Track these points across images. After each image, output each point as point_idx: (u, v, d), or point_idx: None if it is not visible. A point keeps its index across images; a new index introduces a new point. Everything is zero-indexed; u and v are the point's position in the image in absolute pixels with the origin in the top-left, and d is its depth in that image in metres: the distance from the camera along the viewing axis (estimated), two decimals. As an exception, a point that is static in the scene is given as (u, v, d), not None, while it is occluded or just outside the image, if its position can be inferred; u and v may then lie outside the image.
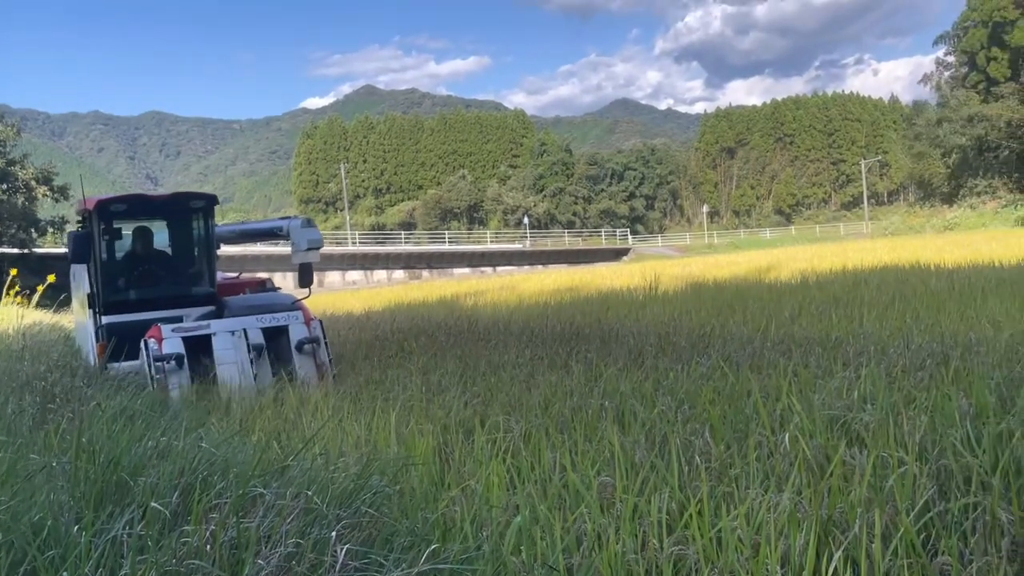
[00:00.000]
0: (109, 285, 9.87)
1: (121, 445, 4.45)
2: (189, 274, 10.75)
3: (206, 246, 10.64)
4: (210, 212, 10.52)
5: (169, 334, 8.79)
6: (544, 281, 29.04)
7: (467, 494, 4.24)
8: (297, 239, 9.80)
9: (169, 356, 8.60)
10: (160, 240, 10.75)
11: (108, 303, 9.73)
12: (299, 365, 9.10)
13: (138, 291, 10.15)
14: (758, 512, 3.48)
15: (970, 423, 4.54)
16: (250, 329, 9.14)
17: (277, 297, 10.43)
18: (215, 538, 3.22)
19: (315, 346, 9.22)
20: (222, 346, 8.91)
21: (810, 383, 6.14)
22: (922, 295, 12.15)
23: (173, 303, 10.00)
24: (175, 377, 8.55)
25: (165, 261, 10.68)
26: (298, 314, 9.46)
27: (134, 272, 10.25)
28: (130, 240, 10.43)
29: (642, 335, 9.88)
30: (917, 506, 3.51)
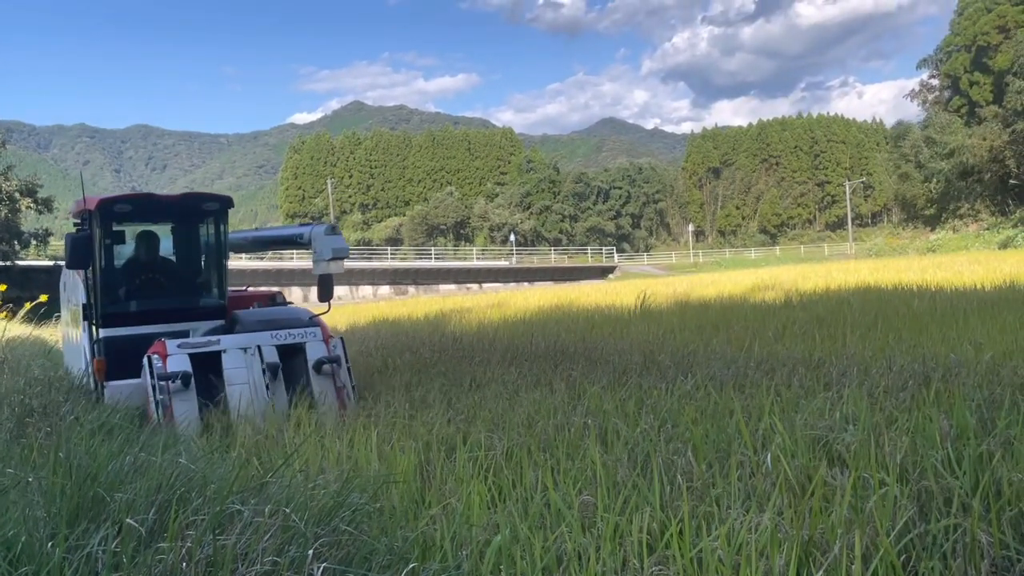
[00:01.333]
0: (108, 294, 8.96)
1: (98, 460, 4.39)
2: (197, 284, 9.86)
3: (217, 253, 9.67)
4: (223, 216, 9.56)
5: (175, 350, 8.00)
6: (530, 298, 29.04)
7: (448, 512, 4.21)
8: (320, 248, 8.88)
9: (174, 374, 7.79)
10: (164, 247, 9.91)
11: (107, 314, 8.84)
12: (317, 387, 8.25)
13: (140, 302, 9.24)
14: (739, 532, 3.47)
15: (951, 444, 4.56)
16: (264, 346, 8.32)
17: (292, 312, 9.64)
18: (191, 555, 3.18)
19: (335, 366, 8.41)
20: (233, 364, 8.12)
21: (793, 403, 6.15)
22: (905, 316, 12.22)
23: (179, 316, 9.16)
24: (181, 398, 7.77)
25: (171, 269, 9.84)
26: (316, 331, 8.66)
27: (136, 280, 9.35)
28: (132, 245, 9.51)
29: (626, 353, 9.88)
30: (897, 527, 3.51)
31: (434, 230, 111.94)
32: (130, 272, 9.35)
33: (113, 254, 9.13)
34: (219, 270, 9.67)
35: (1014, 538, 3.47)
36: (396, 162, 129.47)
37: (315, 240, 8.93)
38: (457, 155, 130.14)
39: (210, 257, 9.76)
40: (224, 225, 9.53)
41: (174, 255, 9.93)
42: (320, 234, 8.91)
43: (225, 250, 9.65)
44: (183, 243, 9.96)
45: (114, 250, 9.14)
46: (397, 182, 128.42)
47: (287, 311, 9.68)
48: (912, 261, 36.60)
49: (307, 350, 8.46)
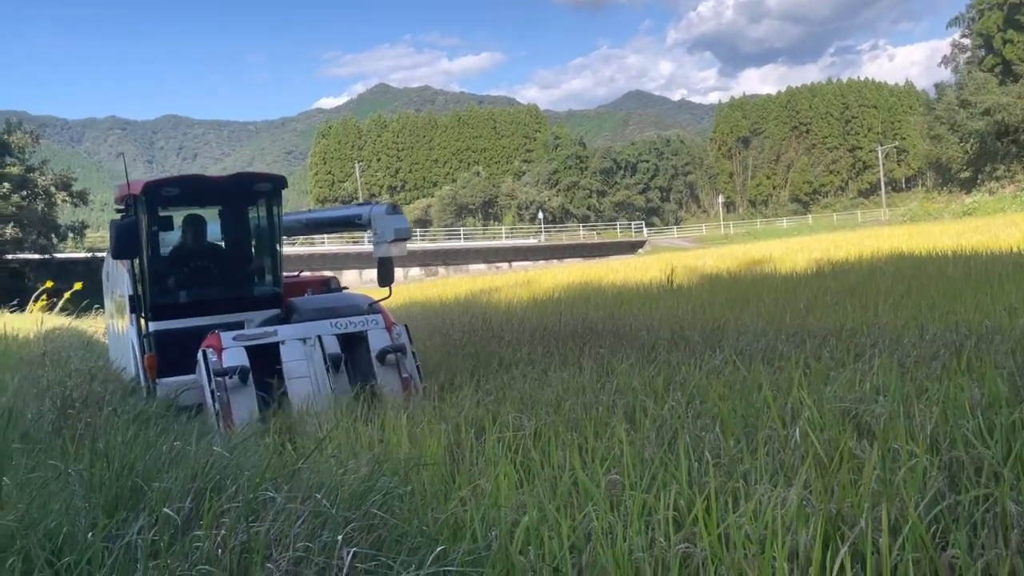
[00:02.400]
0: (157, 285, 8.43)
1: (135, 451, 4.50)
2: (250, 271, 9.30)
3: (270, 237, 9.11)
4: (276, 197, 8.99)
5: (230, 343, 7.48)
6: (558, 276, 29.02)
7: (476, 494, 4.26)
8: (381, 228, 8.32)
9: (231, 370, 7.27)
10: (213, 231, 9.36)
11: (156, 306, 8.33)
12: (381, 378, 7.74)
13: (191, 292, 8.70)
14: (766, 508, 3.48)
15: (982, 413, 4.52)
16: (324, 336, 7.82)
17: (351, 298, 9.05)
18: (226, 543, 3.26)
19: (400, 355, 7.87)
20: (292, 356, 7.63)
21: (822, 375, 6.12)
22: (938, 283, 12.06)
23: (232, 306, 8.62)
24: (239, 395, 7.25)
25: (222, 256, 9.23)
26: (378, 318, 8.14)
27: (185, 269, 8.80)
28: (180, 231, 8.99)
29: (655, 330, 9.87)
30: (926, 499, 3.49)
31: (462, 210, 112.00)
32: (179, 260, 8.86)
33: (160, 241, 8.66)
34: (273, 255, 9.15)
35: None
36: (423, 144, 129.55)
37: (375, 221, 8.40)
38: (483, 134, 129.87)
39: (263, 241, 9.26)
40: (278, 207, 9.01)
41: (223, 240, 9.39)
42: (381, 214, 8.39)
43: (279, 234, 9.10)
44: (234, 227, 9.37)
45: (161, 237, 8.67)
46: (424, 163, 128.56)
47: (346, 297, 9.14)
48: (947, 226, 36.04)
49: (369, 339, 7.95)
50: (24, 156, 50.07)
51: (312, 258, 53.79)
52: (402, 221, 8.39)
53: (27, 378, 9.75)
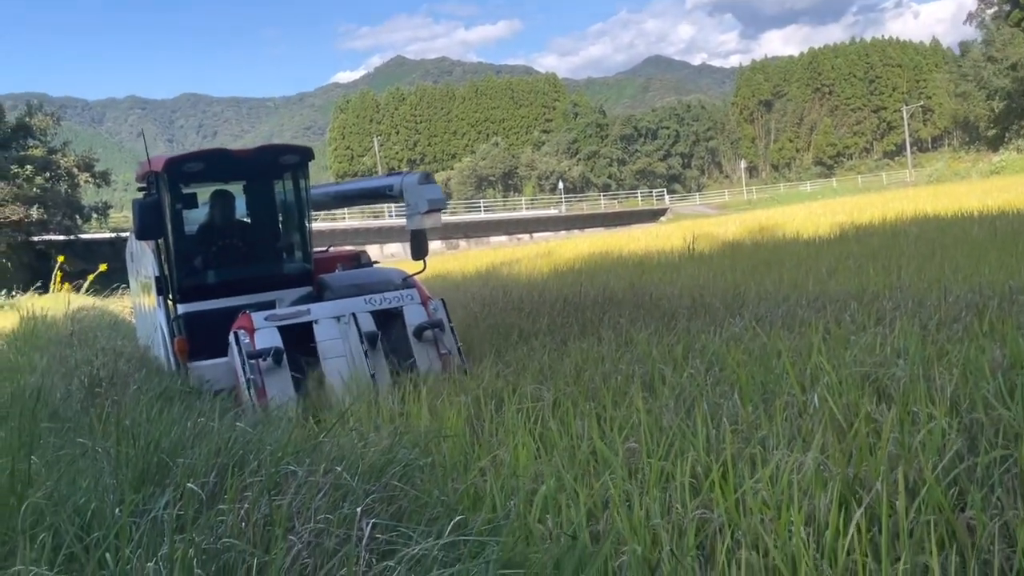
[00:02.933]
0: (184, 265, 8.16)
1: (160, 428, 4.58)
2: (279, 248, 9.03)
3: (299, 212, 8.77)
4: (303, 169, 8.65)
5: (262, 323, 7.23)
6: (579, 246, 28.97)
7: (496, 464, 4.31)
8: (414, 199, 7.96)
9: (265, 351, 7.00)
10: (239, 208, 9.06)
11: (184, 288, 8.06)
12: (419, 356, 7.49)
13: (219, 272, 8.41)
14: (783, 473, 3.49)
15: (1003, 375, 4.49)
16: (359, 313, 7.48)
17: (384, 273, 8.66)
18: (249, 516, 3.32)
19: (438, 331, 7.61)
20: (327, 336, 7.36)
21: (842, 340, 6.09)
22: (963, 244, 11.92)
23: (262, 285, 8.32)
24: (273, 377, 6.99)
25: (249, 233, 8.89)
26: (413, 293, 7.86)
27: (212, 248, 8.51)
28: (205, 209, 8.68)
29: (676, 298, 9.85)
30: (944, 460, 3.49)
31: (482, 182, 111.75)
32: (205, 239, 8.57)
33: (185, 219, 8.34)
34: (302, 231, 8.85)
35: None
36: (440, 116, 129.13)
37: (407, 191, 8.04)
38: (501, 105, 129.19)
39: (291, 217, 8.93)
40: (305, 180, 8.67)
41: (248, 216, 9.09)
42: (413, 184, 8.04)
43: (308, 208, 8.78)
44: (260, 203, 9.03)
45: (185, 215, 8.35)
46: (443, 136, 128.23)
47: (379, 273, 8.77)
48: (974, 185, 35.52)
49: (405, 315, 7.69)
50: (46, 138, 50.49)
51: (333, 233, 53.94)
52: (435, 191, 8.03)
53: (56, 357, 9.93)
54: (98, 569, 3.05)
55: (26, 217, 43.56)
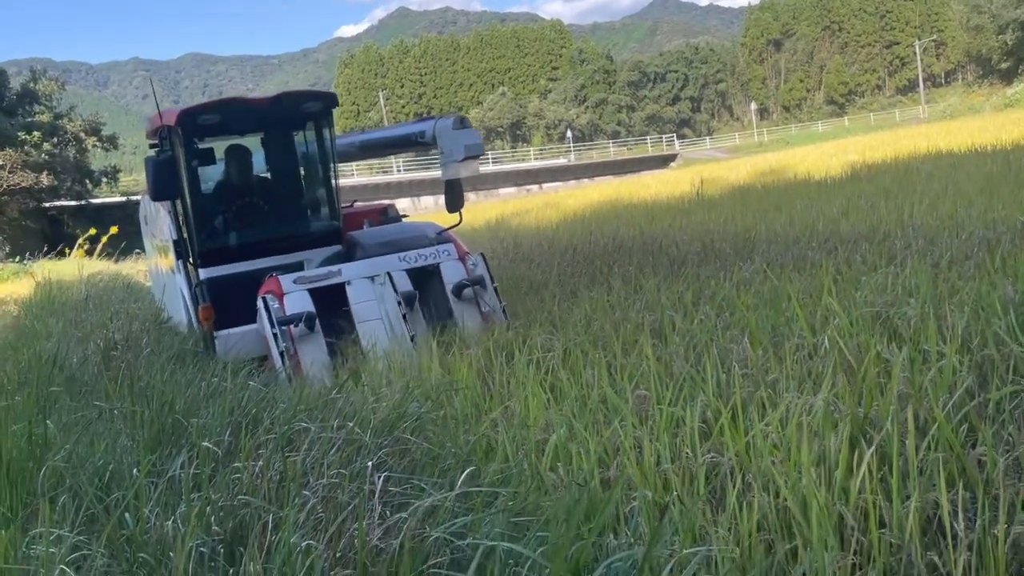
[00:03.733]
0: (204, 227, 7.66)
1: (174, 389, 4.63)
2: (304, 205, 8.43)
3: (324, 165, 8.19)
4: (327, 118, 8.05)
5: (291, 287, 6.78)
6: (589, 195, 28.82)
7: (507, 415, 4.33)
8: (449, 146, 7.35)
9: (296, 317, 6.58)
10: (259, 164, 8.50)
11: (205, 252, 7.55)
12: (459, 315, 7.01)
13: (242, 233, 7.88)
14: (793, 415, 3.49)
15: (1014, 311, 4.46)
16: (394, 272, 7.03)
17: (417, 228, 8.12)
18: (264, 473, 3.37)
19: (479, 289, 7.12)
20: (361, 297, 6.88)
21: (853, 281, 6.05)
22: (976, 180, 11.78)
23: (288, 246, 7.81)
24: (307, 343, 6.57)
25: (272, 190, 8.29)
26: (450, 248, 7.36)
27: (233, 208, 7.96)
28: (222, 165, 8.16)
29: (685, 244, 9.81)
30: (954, 398, 3.49)
31: (490, 133, 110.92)
32: (224, 198, 8.02)
33: (201, 177, 7.88)
34: (328, 185, 8.21)
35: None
36: (446, 67, 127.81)
37: (441, 137, 7.41)
38: (507, 54, 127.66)
39: (316, 170, 8.33)
40: (330, 129, 8.06)
41: (269, 172, 8.51)
42: (447, 129, 7.38)
43: (333, 160, 8.19)
44: (282, 156, 8.42)
45: (201, 173, 7.90)
46: (449, 88, 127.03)
47: (411, 228, 8.22)
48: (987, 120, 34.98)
49: (442, 272, 7.19)
50: (52, 103, 50.37)
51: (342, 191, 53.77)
52: (472, 136, 7.38)
53: (71, 322, 10.01)
54: (118, 528, 3.11)
55: (36, 183, 43.65)
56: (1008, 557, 2.58)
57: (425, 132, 7.68)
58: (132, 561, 2.92)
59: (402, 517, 2.69)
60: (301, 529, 2.81)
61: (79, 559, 2.92)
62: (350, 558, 2.61)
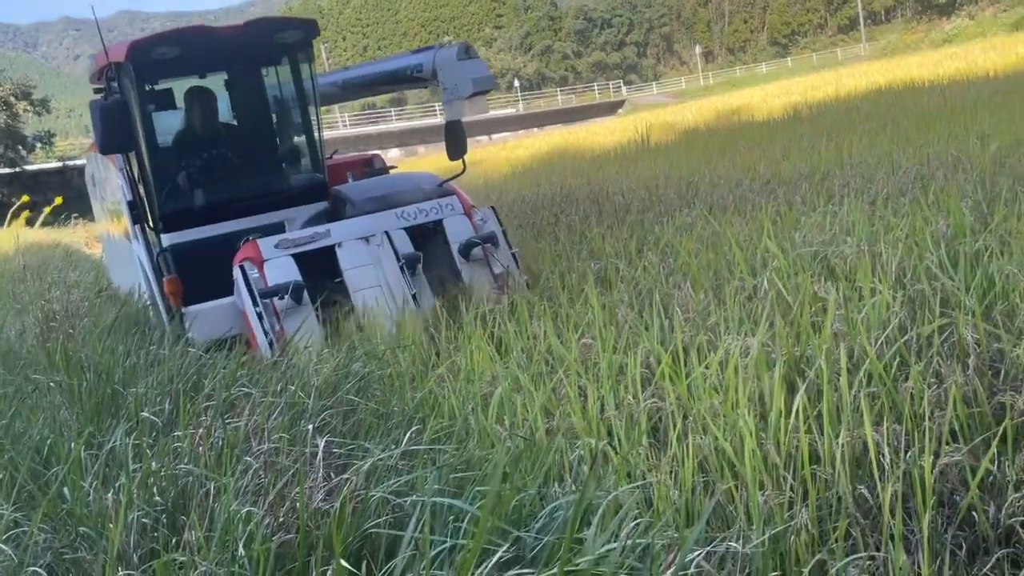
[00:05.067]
0: (165, 185, 6.53)
1: (112, 359, 4.55)
2: (283, 156, 7.29)
3: (305, 107, 7.09)
4: (308, 50, 6.93)
5: (272, 252, 5.83)
6: (538, 145, 28.70)
7: (453, 371, 4.34)
8: (453, 80, 6.37)
9: (281, 288, 5.59)
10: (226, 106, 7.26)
11: (168, 215, 6.45)
12: (468, 278, 6.11)
13: (210, 191, 6.69)
14: (732, 358, 3.55)
15: (946, 245, 4.56)
16: (392, 232, 6.08)
17: (414, 179, 7.20)
18: (205, 440, 3.33)
19: (491, 248, 6.20)
20: (354, 262, 5.92)
21: (792, 222, 6.13)
22: (913, 116, 11.96)
23: (264, 204, 6.70)
24: (295, 319, 5.55)
25: (245, 138, 7.16)
26: (453, 201, 6.41)
27: (198, 161, 6.78)
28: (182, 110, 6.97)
29: (631, 192, 9.83)
30: (885, 333, 3.57)
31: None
32: (188, 149, 6.87)
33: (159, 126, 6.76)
34: (310, 131, 7.08)
35: (1007, 330, 3.52)
36: (388, 17, 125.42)
37: (443, 70, 6.43)
38: (450, 2, 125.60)
39: (296, 114, 7.23)
40: (310, 64, 6.97)
41: (239, 117, 7.28)
42: (450, 61, 6.39)
43: (316, 101, 7.13)
44: (254, 97, 7.17)
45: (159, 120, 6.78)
46: (392, 38, 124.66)
47: (407, 179, 7.29)
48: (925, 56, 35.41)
49: (447, 229, 6.28)
50: (-22, 68, 48.44)
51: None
52: (480, 67, 6.42)
53: (8, 294, 9.77)
54: (58, 503, 3.06)
55: (-34, 152, 42.14)
56: (936, 487, 2.67)
57: (423, 65, 6.64)
58: (72, 535, 2.88)
59: (344, 479, 2.69)
60: (243, 495, 2.79)
61: (18, 535, 2.88)
62: (292, 522, 2.60)
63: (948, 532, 2.61)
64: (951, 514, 2.69)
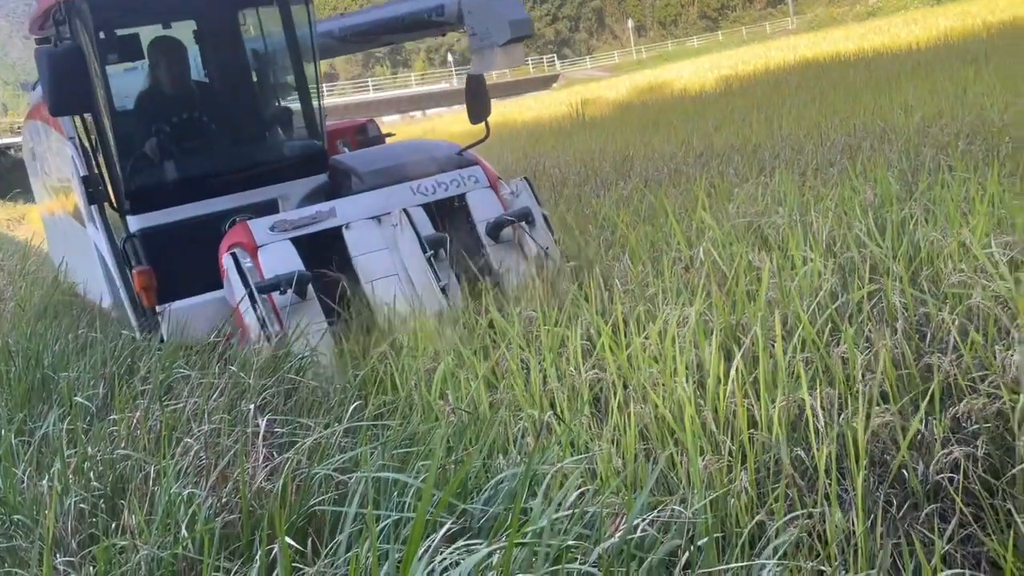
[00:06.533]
0: (130, 155, 5.37)
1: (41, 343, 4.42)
2: (273, 120, 6.13)
3: (299, 61, 5.93)
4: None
5: (267, 236, 4.85)
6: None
7: (395, 347, 4.32)
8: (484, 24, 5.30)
9: (280, 281, 4.59)
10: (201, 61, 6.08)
11: (136, 191, 5.30)
12: (497, 261, 5.20)
13: (184, 163, 5.60)
14: (670, 327, 3.60)
15: (873, 213, 4.69)
16: (412, 209, 5.10)
17: (428, 147, 6.17)
18: (142, 424, 3.27)
19: (526, 226, 5.27)
20: (366, 246, 4.99)
21: (726, 193, 6.24)
22: (840, 88, 12.22)
23: (252, 179, 5.56)
24: (300, 316, 4.60)
25: (226, 99, 6.02)
26: (477, 173, 5.53)
27: (167, 127, 5.61)
28: (145, 65, 5.75)
29: (567, 165, 9.88)
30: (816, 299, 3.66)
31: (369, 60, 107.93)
32: (155, 112, 5.67)
33: (121, 82, 5.60)
34: (305, 90, 5.96)
35: (932, 295, 3.65)
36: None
37: (473, 12, 5.34)
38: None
39: (287, 68, 6.06)
40: (307, 5, 5.77)
41: (216, 72, 6.07)
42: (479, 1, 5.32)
43: (314, 54, 5.91)
44: (237, 48, 5.99)
45: (120, 77, 5.63)
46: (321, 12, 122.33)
47: (418, 147, 6.30)
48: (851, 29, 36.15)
49: (470, 206, 5.38)
50: None
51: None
52: (516, 7, 5.34)
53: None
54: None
55: None
56: (868, 447, 2.76)
57: (444, 6, 5.54)
58: (6, 523, 2.81)
59: (287, 457, 2.67)
60: (184, 477, 2.75)
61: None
62: (236, 502, 2.58)
63: (880, 490, 2.71)
64: (883, 472, 2.79)
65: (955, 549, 2.46)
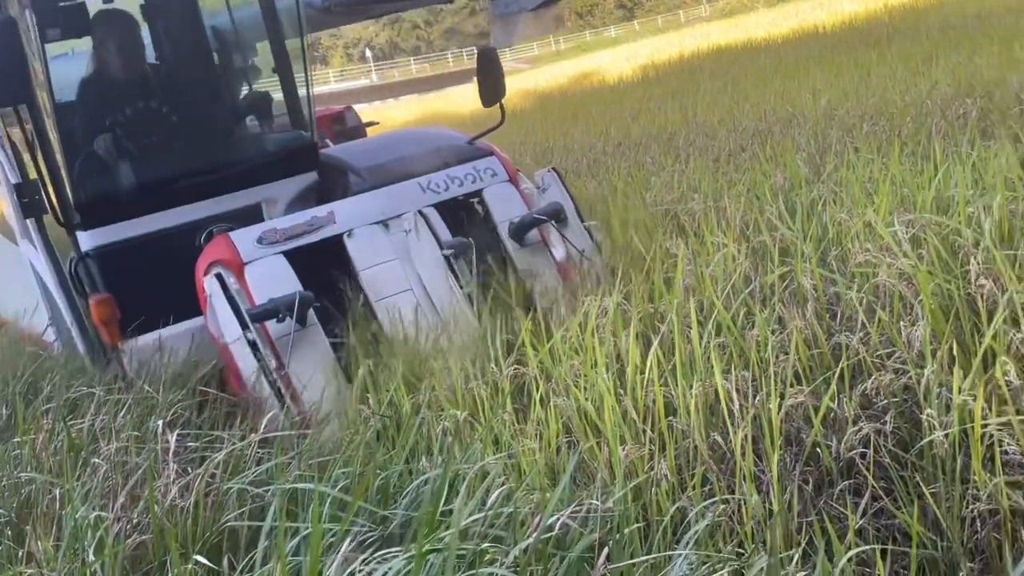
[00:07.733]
0: (77, 155, 4.35)
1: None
2: (250, 108, 5.23)
3: (280, 36, 5.15)
4: None
5: (255, 250, 4.00)
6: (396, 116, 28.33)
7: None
8: None
9: (279, 306, 3.75)
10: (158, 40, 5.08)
11: (89, 201, 4.32)
12: (523, 266, 4.49)
13: (145, 165, 4.61)
14: (590, 319, 3.61)
15: (783, 197, 4.79)
16: (427, 211, 4.38)
17: (431, 136, 5.45)
18: (47, 445, 3.14)
19: (556, 226, 4.58)
20: (373, 257, 4.19)
21: (643, 182, 6.30)
22: (751, 75, 12.49)
23: (230, 180, 4.64)
24: (304, 352, 3.81)
25: (194, 86, 5.00)
26: (493, 164, 4.82)
27: (120, 117, 4.55)
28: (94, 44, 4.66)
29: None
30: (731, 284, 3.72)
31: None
32: (107, 102, 4.61)
33: (66, 68, 4.60)
34: (289, 71, 5.12)
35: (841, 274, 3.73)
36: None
37: None
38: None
39: (265, 47, 5.25)
40: None
41: (178, 53, 5.04)
42: None
43: (302, 27, 5.06)
44: (196, 26, 5.00)
45: (61, 61, 4.60)
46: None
47: (419, 136, 5.55)
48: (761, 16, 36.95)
49: (488, 204, 4.67)
50: None
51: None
52: None
53: None
54: None
55: None
56: (782, 427, 2.81)
57: None
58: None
59: (198, 473, 2.59)
60: (92, 499, 2.65)
61: None
62: (147, 522, 2.49)
63: (796, 468, 2.75)
64: (798, 451, 2.84)
65: (868, 523, 2.52)
